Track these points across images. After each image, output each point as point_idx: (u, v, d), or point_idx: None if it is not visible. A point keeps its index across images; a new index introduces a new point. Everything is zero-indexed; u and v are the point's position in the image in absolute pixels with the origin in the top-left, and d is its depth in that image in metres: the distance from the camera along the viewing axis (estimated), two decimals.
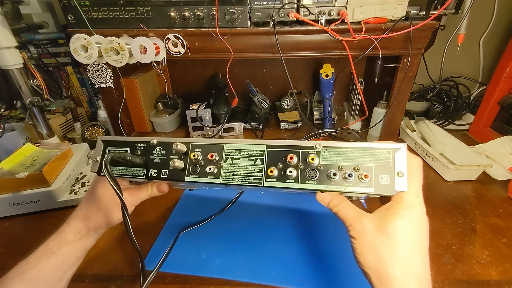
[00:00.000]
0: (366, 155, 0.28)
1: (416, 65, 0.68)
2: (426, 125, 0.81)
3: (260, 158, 0.31)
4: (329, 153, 0.29)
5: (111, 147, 0.35)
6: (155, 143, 0.34)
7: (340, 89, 1.05)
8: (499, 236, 0.50)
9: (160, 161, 0.33)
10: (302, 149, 0.30)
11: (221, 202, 0.58)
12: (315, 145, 0.29)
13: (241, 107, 1.03)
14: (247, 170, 0.31)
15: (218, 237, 0.51)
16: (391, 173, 0.27)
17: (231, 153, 0.32)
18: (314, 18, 0.63)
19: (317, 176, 0.29)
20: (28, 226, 0.55)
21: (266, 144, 0.31)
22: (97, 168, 0.34)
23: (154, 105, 0.96)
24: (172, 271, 0.44)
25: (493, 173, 0.66)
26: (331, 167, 0.28)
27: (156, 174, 0.33)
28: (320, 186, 0.29)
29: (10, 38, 0.59)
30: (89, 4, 0.62)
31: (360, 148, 0.28)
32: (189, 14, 0.63)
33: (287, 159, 0.29)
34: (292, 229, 0.52)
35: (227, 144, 0.32)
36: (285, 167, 0.29)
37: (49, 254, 0.33)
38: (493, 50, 0.94)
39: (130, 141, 0.35)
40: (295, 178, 0.29)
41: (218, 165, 0.32)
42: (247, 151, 0.31)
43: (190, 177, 0.32)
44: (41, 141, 0.71)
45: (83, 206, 0.38)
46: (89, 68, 0.71)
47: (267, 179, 0.30)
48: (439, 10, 0.62)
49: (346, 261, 0.45)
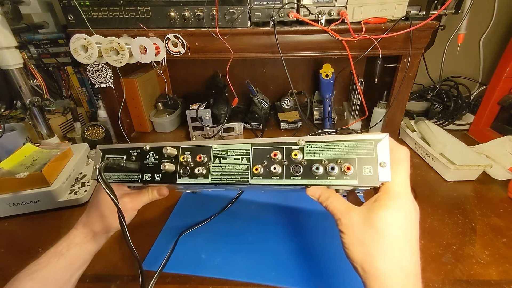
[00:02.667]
0: (348, 147, 0.28)
1: (416, 65, 0.68)
2: (426, 125, 0.81)
3: (246, 157, 0.31)
4: (312, 148, 0.29)
5: (109, 154, 0.37)
6: (148, 148, 0.35)
7: (340, 89, 1.05)
8: (499, 236, 0.50)
9: (153, 165, 0.35)
10: (286, 145, 0.30)
11: (221, 202, 0.58)
12: (298, 140, 0.30)
13: (241, 107, 1.03)
14: (234, 169, 0.31)
15: (218, 237, 0.51)
16: (374, 164, 0.27)
17: (219, 153, 0.33)
18: (314, 18, 0.63)
19: (301, 171, 0.29)
20: (28, 226, 0.55)
21: (251, 143, 0.32)
22: (96, 176, 0.35)
23: (154, 105, 0.96)
24: (172, 271, 0.44)
25: (493, 173, 0.66)
26: (315, 162, 0.28)
27: (150, 178, 0.34)
28: (305, 181, 0.29)
29: (10, 38, 0.59)
30: (89, 4, 0.62)
31: (342, 141, 0.28)
32: (189, 14, 0.63)
33: (271, 156, 0.30)
34: (292, 229, 0.52)
35: (215, 145, 0.33)
36: (269, 164, 0.30)
37: (58, 256, 0.35)
38: (493, 50, 0.94)
39: (126, 148, 0.37)
40: (280, 175, 0.29)
41: (207, 166, 0.33)
42: (234, 150, 0.32)
43: (181, 179, 0.33)
44: (41, 141, 0.71)
45: (86, 212, 0.39)
46: (89, 68, 0.71)
47: (253, 177, 0.30)
48: (439, 10, 0.62)
49: (346, 260, 0.45)
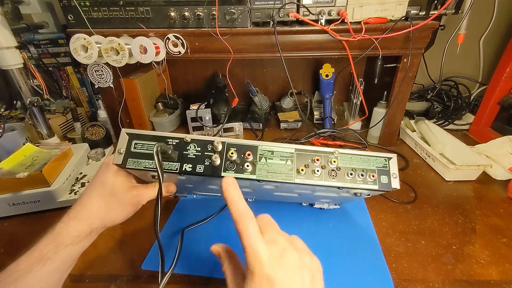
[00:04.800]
0: (370, 161, 0.36)
1: (416, 65, 0.68)
2: (426, 125, 0.81)
3: (290, 159, 0.36)
4: (344, 158, 0.36)
5: (136, 140, 0.35)
6: (189, 140, 0.36)
7: (340, 89, 1.05)
8: (499, 236, 0.50)
9: (195, 157, 0.35)
10: (323, 153, 0.36)
11: (220, 202, 0.58)
12: (333, 151, 0.36)
13: (241, 107, 1.03)
14: (279, 168, 0.35)
15: (218, 237, 0.51)
16: (388, 175, 0.36)
17: (264, 153, 0.36)
18: (314, 18, 0.63)
19: (336, 175, 0.35)
20: (28, 226, 0.55)
21: (294, 147, 0.36)
22: (121, 160, 0.34)
23: (154, 105, 0.96)
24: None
25: (493, 173, 0.66)
26: (347, 169, 0.36)
27: (190, 169, 0.35)
28: (340, 183, 0.35)
29: (10, 38, 0.59)
30: (89, 4, 0.62)
31: (366, 156, 0.37)
32: (189, 14, 0.63)
33: (315, 160, 0.36)
34: (292, 228, 0.52)
35: (260, 145, 0.36)
36: (312, 167, 0.36)
37: (44, 260, 0.30)
38: (493, 50, 0.94)
39: (161, 136, 0.36)
40: (320, 176, 0.35)
41: (253, 163, 0.35)
42: (279, 152, 0.36)
43: (227, 173, 0.35)
44: (41, 141, 0.71)
45: (84, 208, 0.35)
46: (89, 68, 0.71)
47: (297, 176, 0.35)
48: (439, 10, 0.62)
49: (347, 259, 0.45)
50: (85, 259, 0.38)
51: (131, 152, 0.35)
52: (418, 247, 0.48)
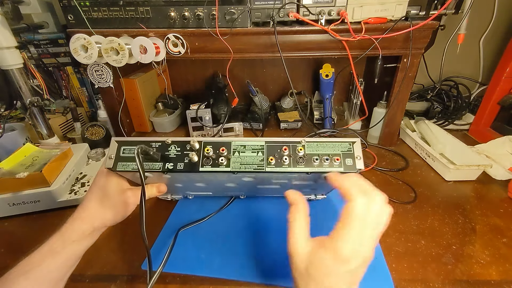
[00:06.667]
0: (335, 146, 0.38)
1: (416, 65, 0.68)
2: (426, 125, 0.81)
3: (261, 151, 0.38)
4: (310, 146, 0.38)
5: (125, 146, 0.39)
6: (170, 142, 0.39)
7: (340, 89, 1.05)
8: (499, 236, 0.50)
9: (176, 156, 0.38)
10: (291, 143, 0.38)
11: (220, 202, 0.58)
12: (301, 140, 0.38)
13: (241, 107, 1.03)
14: (251, 160, 0.38)
15: (217, 236, 0.51)
16: (353, 157, 0.37)
17: (237, 148, 0.38)
18: (314, 18, 0.63)
19: (304, 162, 0.37)
20: (28, 226, 0.55)
21: (264, 140, 0.39)
22: (112, 165, 0.38)
23: (154, 105, 0.96)
24: (171, 271, 0.44)
25: (493, 173, 0.66)
26: (314, 155, 0.38)
27: (172, 167, 0.38)
28: (307, 169, 0.37)
29: (10, 38, 0.59)
30: (89, 4, 0.62)
31: (331, 142, 0.38)
32: (189, 14, 0.63)
33: (282, 150, 0.38)
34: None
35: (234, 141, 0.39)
36: (280, 156, 0.38)
37: (53, 254, 0.34)
38: (493, 50, 0.94)
39: (145, 141, 0.39)
40: (288, 164, 0.37)
41: (228, 157, 0.38)
42: (250, 146, 0.38)
43: (204, 168, 0.38)
44: (41, 141, 0.71)
45: (85, 208, 0.39)
46: (89, 68, 0.71)
47: (268, 166, 0.37)
48: (439, 10, 0.62)
49: None
50: (85, 259, 0.38)
51: (120, 156, 0.38)
52: (418, 247, 0.48)
